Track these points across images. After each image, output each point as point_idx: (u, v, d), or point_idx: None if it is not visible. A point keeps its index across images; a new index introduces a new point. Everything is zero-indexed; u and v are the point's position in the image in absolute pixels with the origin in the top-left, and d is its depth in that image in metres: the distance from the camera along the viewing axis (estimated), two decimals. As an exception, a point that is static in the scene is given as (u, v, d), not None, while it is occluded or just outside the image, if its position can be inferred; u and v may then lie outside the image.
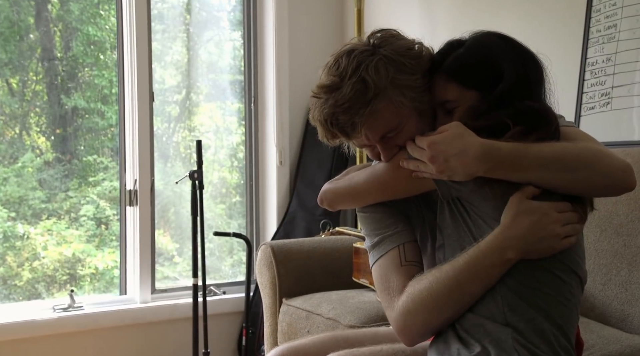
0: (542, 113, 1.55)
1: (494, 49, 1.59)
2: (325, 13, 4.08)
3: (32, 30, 3.59)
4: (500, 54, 1.58)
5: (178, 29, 3.96)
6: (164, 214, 3.85)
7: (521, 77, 1.56)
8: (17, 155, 3.53)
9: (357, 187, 1.67)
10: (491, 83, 1.55)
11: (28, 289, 3.51)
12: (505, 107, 1.51)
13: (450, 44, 1.64)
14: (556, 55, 3.05)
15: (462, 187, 1.50)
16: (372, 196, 1.66)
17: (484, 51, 1.59)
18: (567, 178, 1.47)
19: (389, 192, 1.63)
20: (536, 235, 1.45)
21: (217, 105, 4.09)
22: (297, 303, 3.01)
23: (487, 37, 1.62)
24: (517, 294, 1.47)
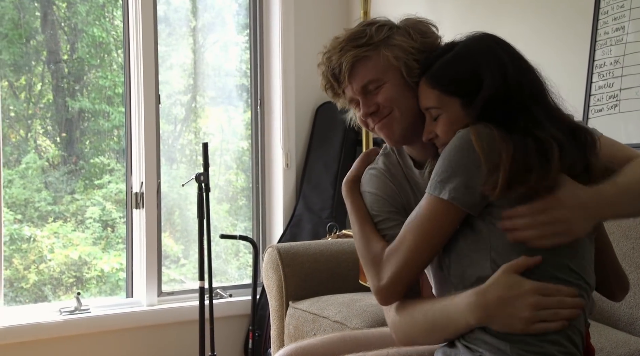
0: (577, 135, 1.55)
1: (478, 55, 1.57)
2: (331, 16, 4.08)
3: (38, 32, 3.59)
4: (483, 61, 1.56)
5: (184, 31, 3.97)
6: (169, 216, 3.85)
7: (509, 85, 1.53)
8: (22, 157, 3.53)
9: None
10: (472, 90, 1.54)
11: (34, 292, 3.52)
12: (491, 116, 1.51)
13: (444, 47, 1.65)
14: (563, 58, 3.06)
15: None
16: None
17: (467, 58, 1.58)
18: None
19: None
20: (501, 311, 1.44)
21: (222, 108, 4.09)
22: (303, 306, 3.00)
23: (477, 43, 1.61)
24: None
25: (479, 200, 1.47)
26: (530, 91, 1.56)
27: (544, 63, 3.13)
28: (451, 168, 1.48)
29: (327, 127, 3.97)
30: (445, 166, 1.49)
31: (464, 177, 1.47)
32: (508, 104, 1.52)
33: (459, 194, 1.47)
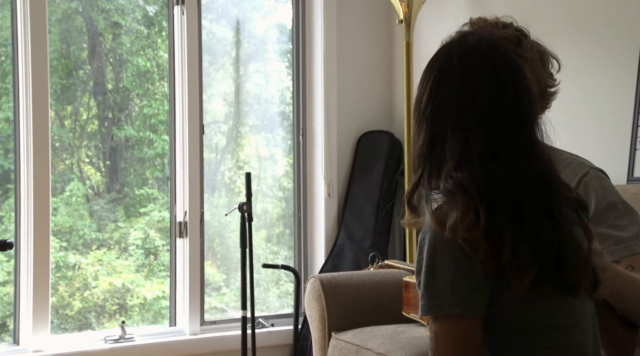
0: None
1: (452, 60, 1.41)
2: (373, 45, 4.09)
3: (85, 63, 3.66)
4: (452, 67, 1.40)
5: (225, 60, 4.01)
6: (210, 244, 3.87)
7: (468, 104, 1.37)
8: (67, 185, 3.59)
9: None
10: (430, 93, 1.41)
11: (79, 319, 3.55)
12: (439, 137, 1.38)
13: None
14: (610, 90, 3.03)
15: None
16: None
17: (430, 63, 1.44)
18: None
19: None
20: None
21: (263, 136, 4.12)
22: (346, 337, 2.99)
23: (465, 45, 1.43)
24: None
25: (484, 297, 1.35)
26: (505, 125, 1.38)
27: (588, 93, 3.12)
28: (437, 278, 1.34)
29: (369, 157, 3.97)
30: (428, 279, 1.34)
31: (455, 283, 1.33)
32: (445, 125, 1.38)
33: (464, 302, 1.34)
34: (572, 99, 3.13)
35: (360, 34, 4.05)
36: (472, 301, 1.33)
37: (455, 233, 1.31)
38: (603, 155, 3.05)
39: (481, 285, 1.33)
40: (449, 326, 1.33)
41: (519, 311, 1.36)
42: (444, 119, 1.39)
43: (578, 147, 3.14)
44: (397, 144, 3.97)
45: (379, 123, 4.04)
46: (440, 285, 1.33)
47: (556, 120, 1.51)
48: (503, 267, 1.31)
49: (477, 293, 1.33)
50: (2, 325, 3.37)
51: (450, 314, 1.33)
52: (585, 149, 3.07)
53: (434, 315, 1.34)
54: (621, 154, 2.98)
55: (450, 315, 1.33)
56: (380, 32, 4.10)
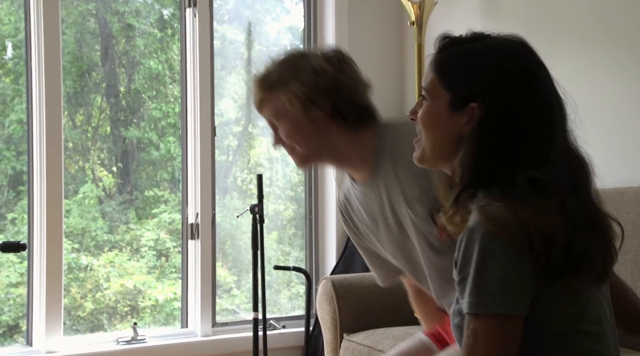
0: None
1: (496, 63, 1.42)
2: (385, 47, 4.09)
3: (98, 66, 3.68)
4: (498, 71, 1.41)
5: (237, 62, 4.02)
6: (221, 246, 3.88)
7: (512, 111, 1.39)
8: (80, 187, 3.60)
9: None
10: (466, 95, 1.41)
11: (91, 320, 3.56)
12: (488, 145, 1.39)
13: (473, 35, 1.48)
14: (628, 91, 3.01)
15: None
16: None
17: (485, 58, 1.43)
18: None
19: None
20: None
21: (275, 138, 4.12)
22: (358, 338, 3.00)
23: (504, 49, 1.44)
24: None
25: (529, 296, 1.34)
26: (537, 131, 1.40)
27: (604, 97, 3.11)
28: (488, 276, 1.31)
29: (380, 158, 3.96)
30: (478, 276, 1.31)
31: (505, 281, 1.31)
32: (502, 136, 1.38)
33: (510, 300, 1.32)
34: (586, 102, 3.12)
35: (372, 36, 4.05)
36: (521, 301, 1.32)
37: (510, 231, 1.30)
38: (617, 158, 3.04)
39: (529, 285, 1.33)
40: (494, 325, 1.31)
41: (555, 313, 1.37)
42: (528, 119, 1.40)
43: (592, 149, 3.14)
44: (408, 145, 3.96)
45: (390, 125, 4.03)
46: (491, 283, 1.30)
47: (575, 119, 1.50)
48: (562, 264, 1.32)
49: (526, 292, 1.33)
50: (15, 326, 3.39)
51: (497, 313, 1.31)
52: (600, 151, 3.07)
53: (476, 313, 1.32)
54: (636, 156, 2.98)
55: (497, 314, 1.31)
56: (391, 34, 4.10)
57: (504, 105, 1.39)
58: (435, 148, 1.47)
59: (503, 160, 1.38)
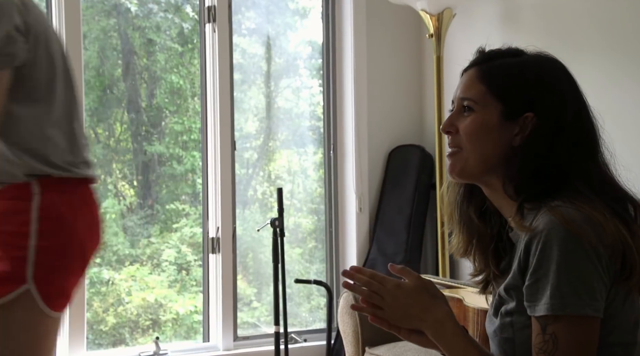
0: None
1: (546, 75, 1.43)
2: (404, 59, 4.10)
3: (120, 81, 3.71)
4: (549, 84, 1.42)
5: (257, 76, 4.04)
6: (242, 259, 3.88)
7: (565, 124, 1.40)
8: (101, 201, 3.62)
9: None
10: (520, 107, 1.41)
11: (113, 334, 3.58)
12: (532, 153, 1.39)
13: (510, 49, 1.50)
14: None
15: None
16: None
17: (533, 71, 1.44)
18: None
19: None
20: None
21: (294, 151, 4.13)
22: (380, 351, 2.99)
23: (548, 63, 1.47)
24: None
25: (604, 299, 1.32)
26: (586, 142, 1.42)
27: (620, 112, 3.09)
28: (573, 277, 1.29)
29: (400, 171, 3.97)
30: (561, 277, 1.29)
31: (589, 282, 1.29)
32: (557, 146, 1.39)
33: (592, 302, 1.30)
34: (601, 114, 3.11)
35: (391, 49, 4.06)
36: (602, 303, 1.31)
37: (590, 232, 1.30)
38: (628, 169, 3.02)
39: (607, 288, 1.32)
40: (576, 327, 1.29)
41: (616, 321, 1.35)
42: (578, 131, 1.41)
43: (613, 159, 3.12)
44: (428, 158, 3.96)
45: (409, 137, 4.04)
46: (575, 284, 1.28)
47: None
48: (627, 272, 1.32)
49: (604, 295, 1.32)
50: (38, 340, 3.41)
51: (582, 314, 1.28)
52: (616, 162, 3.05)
53: (557, 315, 1.29)
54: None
55: (581, 316, 1.28)
56: (410, 47, 4.11)
57: (558, 115, 1.41)
58: (483, 161, 1.45)
59: (556, 168, 1.39)
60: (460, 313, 2.76)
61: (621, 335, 1.36)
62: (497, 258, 1.51)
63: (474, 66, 1.48)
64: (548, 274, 1.30)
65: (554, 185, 1.39)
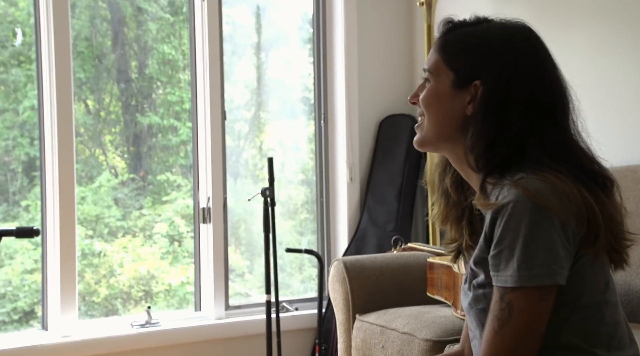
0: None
1: (498, 42, 1.43)
2: (394, 28, 4.08)
3: (109, 52, 3.69)
4: (498, 50, 1.42)
5: (247, 47, 4.02)
6: (234, 231, 3.89)
7: (516, 89, 1.40)
8: (93, 174, 3.62)
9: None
10: (469, 73, 1.43)
11: (105, 305, 3.59)
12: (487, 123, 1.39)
13: (475, 19, 1.50)
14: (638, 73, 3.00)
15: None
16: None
17: (487, 38, 1.44)
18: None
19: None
20: None
21: (285, 122, 4.13)
22: (370, 318, 3.00)
23: (507, 30, 1.46)
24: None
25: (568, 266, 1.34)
26: (545, 111, 1.41)
27: (616, 76, 3.09)
28: (533, 248, 1.30)
29: (391, 141, 3.97)
30: (521, 249, 1.30)
31: (555, 252, 1.30)
32: (509, 114, 1.39)
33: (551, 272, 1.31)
34: (598, 81, 3.11)
35: (381, 17, 4.05)
36: (566, 271, 1.32)
37: (555, 202, 1.30)
38: (631, 135, 3.03)
39: (572, 255, 1.34)
40: (535, 297, 1.31)
41: (586, 284, 1.37)
42: (531, 98, 1.41)
43: (604, 127, 3.13)
44: (418, 128, 3.96)
45: (400, 107, 4.04)
46: (542, 255, 1.30)
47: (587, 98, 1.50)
48: (599, 231, 1.34)
49: (569, 263, 1.33)
50: (31, 312, 3.42)
51: (536, 285, 1.30)
52: (612, 129, 3.06)
53: (514, 287, 1.31)
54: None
55: (540, 286, 1.30)
56: (400, 15, 4.09)
57: (507, 81, 1.40)
58: (438, 129, 1.48)
59: (512, 137, 1.39)
60: (450, 280, 2.79)
61: (592, 296, 1.38)
62: (471, 228, 1.53)
63: (438, 38, 1.50)
64: (510, 245, 1.31)
65: (512, 155, 1.39)
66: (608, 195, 1.41)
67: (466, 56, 1.44)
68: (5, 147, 3.42)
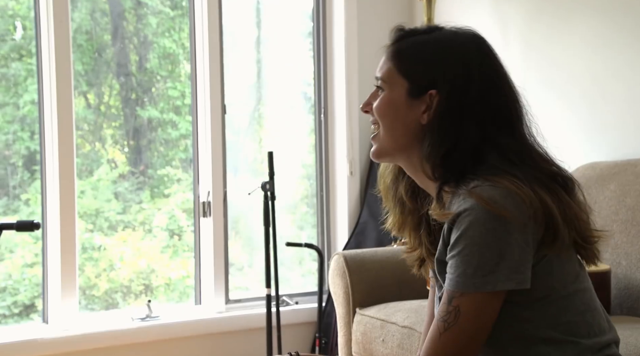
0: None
1: (451, 51, 1.44)
2: (394, 22, 4.01)
3: (109, 45, 3.69)
4: (452, 59, 1.43)
5: (247, 41, 4.02)
6: (234, 225, 3.90)
7: (471, 97, 1.41)
8: (93, 167, 3.62)
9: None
10: (424, 82, 1.43)
11: (105, 299, 3.60)
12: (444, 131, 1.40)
13: (426, 27, 1.53)
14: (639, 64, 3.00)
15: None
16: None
17: (440, 47, 1.45)
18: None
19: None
20: None
21: (285, 117, 4.13)
22: (371, 312, 3.01)
23: (459, 38, 1.47)
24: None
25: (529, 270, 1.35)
26: (500, 117, 1.42)
27: (617, 70, 3.10)
28: (487, 255, 1.31)
29: (391, 135, 3.97)
30: (474, 255, 1.32)
31: (509, 257, 1.31)
32: (464, 122, 1.40)
33: (509, 278, 1.32)
34: (600, 74, 3.11)
35: (381, 11, 4.04)
36: (527, 275, 1.33)
37: (510, 208, 1.31)
38: (631, 129, 3.04)
39: (531, 256, 1.34)
40: (482, 302, 1.32)
41: (556, 277, 1.38)
42: (486, 106, 1.42)
43: (604, 121, 3.13)
44: (418, 122, 3.96)
45: (400, 101, 4.03)
46: (492, 261, 1.31)
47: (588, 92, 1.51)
48: (551, 236, 1.34)
49: (529, 265, 1.34)
50: (31, 305, 3.43)
51: (484, 291, 1.31)
52: (612, 123, 3.07)
53: (462, 292, 1.32)
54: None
55: (483, 292, 1.31)
56: (401, 9, 4.09)
57: (461, 91, 1.41)
58: (394, 139, 1.47)
59: (468, 146, 1.39)
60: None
61: (564, 287, 1.39)
62: (430, 236, 1.53)
63: (389, 45, 1.51)
64: (462, 252, 1.32)
65: (468, 163, 1.39)
66: (570, 194, 1.42)
67: (420, 65, 1.45)
68: (5, 140, 3.42)
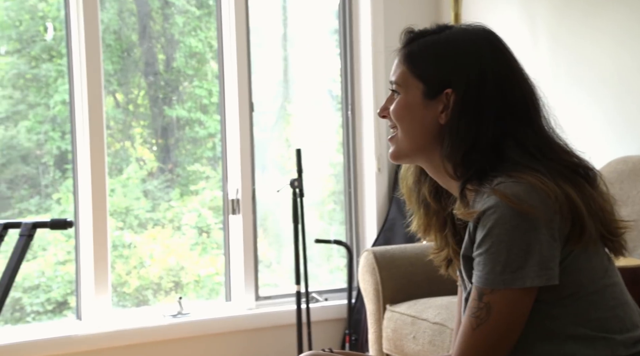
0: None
1: (462, 49, 1.44)
2: (421, 17, 4.06)
3: (136, 45, 3.72)
4: (465, 57, 1.43)
5: (273, 39, 4.04)
6: (262, 222, 3.91)
7: (487, 93, 1.41)
8: (122, 166, 3.66)
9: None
10: (439, 82, 1.43)
11: (136, 296, 3.63)
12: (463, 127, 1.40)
13: (436, 27, 1.51)
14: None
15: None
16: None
17: (450, 46, 1.45)
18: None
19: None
20: None
21: (312, 114, 4.14)
22: (401, 309, 3.02)
23: (468, 35, 1.47)
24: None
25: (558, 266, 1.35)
26: (517, 111, 1.42)
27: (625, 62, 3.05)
28: (515, 252, 1.32)
29: (419, 130, 3.96)
30: (502, 253, 1.32)
31: (537, 253, 1.31)
32: (483, 119, 1.40)
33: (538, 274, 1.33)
34: (627, 67, 3.09)
35: (408, 8, 4.03)
36: (555, 271, 1.34)
37: (535, 203, 1.31)
38: None
39: (559, 253, 1.34)
40: (514, 298, 1.33)
41: (585, 272, 1.38)
42: (503, 101, 1.42)
43: (630, 112, 3.11)
44: (446, 117, 3.95)
45: (427, 96, 4.02)
46: (520, 258, 1.31)
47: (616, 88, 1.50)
48: (578, 230, 1.34)
49: (557, 261, 1.34)
50: (64, 302, 3.47)
51: (515, 288, 1.31)
52: (638, 118, 3.04)
53: (493, 289, 1.32)
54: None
55: (514, 289, 1.31)
56: (427, 5, 4.08)
57: (477, 88, 1.41)
58: (412, 141, 1.47)
59: (488, 142, 1.40)
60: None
61: (593, 283, 1.39)
62: (456, 235, 1.53)
63: (401, 48, 1.50)
64: (489, 250, 1.33)
65: (489, 159, 1.40)
66: (593, 185, 1.42)
67: (434, 65, 1.45)
68: (37, 140, 3.47)
